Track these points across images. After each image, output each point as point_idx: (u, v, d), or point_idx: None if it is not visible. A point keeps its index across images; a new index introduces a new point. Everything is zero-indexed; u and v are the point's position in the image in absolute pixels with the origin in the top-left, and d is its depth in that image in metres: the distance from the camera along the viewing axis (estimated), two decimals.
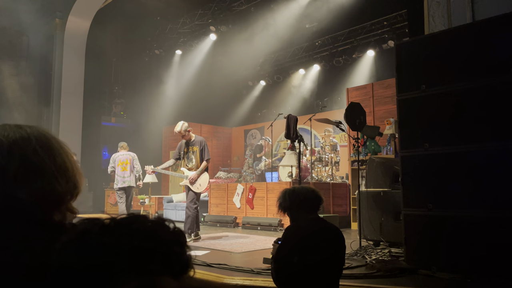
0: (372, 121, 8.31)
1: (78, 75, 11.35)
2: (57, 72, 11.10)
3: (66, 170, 0.84)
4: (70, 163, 0.86)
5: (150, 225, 0.67)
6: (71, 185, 0.84)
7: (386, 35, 10.25)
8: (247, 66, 13.52)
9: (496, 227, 3.22)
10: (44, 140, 0.84)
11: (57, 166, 0.82)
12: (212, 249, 5.14)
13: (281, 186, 7.55)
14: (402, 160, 3.80)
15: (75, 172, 0.86)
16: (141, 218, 0.68)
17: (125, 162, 7.99)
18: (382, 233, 4.82)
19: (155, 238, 0.65)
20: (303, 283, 2.32)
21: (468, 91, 3.41)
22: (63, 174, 0.83)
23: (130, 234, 0.64)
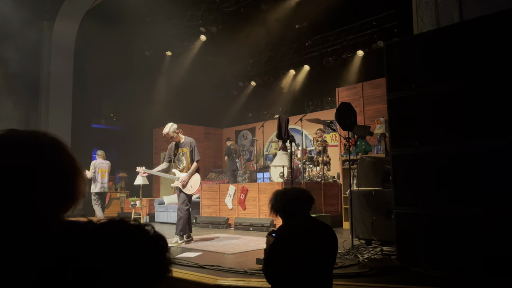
0: (362, 120, 8.36)
1: (67, 78, 11.24)
2: (45, 74, 10.98)
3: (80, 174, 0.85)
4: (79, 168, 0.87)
5: (128, 230, 0.68)
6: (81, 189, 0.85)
7: (375, 35, 10.32)
8: (238, 67, 13.51)
9: (486, 224, 3.26)
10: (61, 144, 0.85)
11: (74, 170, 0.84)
12: (204, 250, 5.12)
13: (273, 186, 7.56)
14: (393, 159, 3.82)
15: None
16: (121, 223, 0.69)
17: (104, 170, 8.87)
18: (374, 232, 4.85)
19: (132, 244, 0.66)
20: (296, 283, 2.33)
21: (457, 90, 3.45)
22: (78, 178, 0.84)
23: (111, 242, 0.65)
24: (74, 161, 0.86)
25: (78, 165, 0.86)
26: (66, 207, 0.83)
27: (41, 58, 11.09)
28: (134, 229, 0.70)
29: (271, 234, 2.60)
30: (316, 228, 2.56)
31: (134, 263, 0.64)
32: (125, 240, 0.67)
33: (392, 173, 3.85)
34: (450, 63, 3.55)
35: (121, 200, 11.98)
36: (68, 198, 0.83)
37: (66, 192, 0.82)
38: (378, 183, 5.00)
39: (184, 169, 5.94)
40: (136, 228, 0.71)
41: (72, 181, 0.83)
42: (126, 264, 0.64)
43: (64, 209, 0.83)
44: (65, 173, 0.83)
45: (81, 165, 0.89)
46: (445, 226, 3.46)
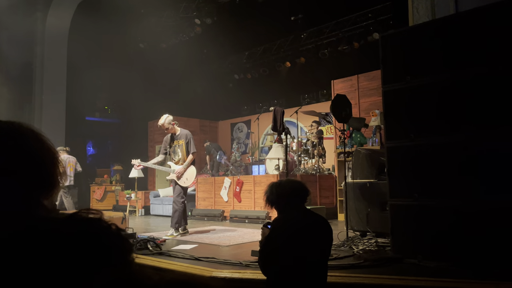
0: (357, 113, 8.37)
1: (61, 70, 11.15)
2: (39, 67, 10.88)
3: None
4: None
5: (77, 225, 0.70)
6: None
7: (371, 27, 10.29)
8: (233, 59, 13.44)
9: (480, 216, 3.28)
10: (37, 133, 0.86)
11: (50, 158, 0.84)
12: (200, 242, 5.13)
13: (268, 179, 7.57)
14: (387, 151, 3.83)
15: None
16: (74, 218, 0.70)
17: (70, 164, 9.04)
18: (369, 223, 4.88)
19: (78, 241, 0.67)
20: (291, 274, 2.33)
21: (452, 82, 3.45)
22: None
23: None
24: (51, 150, 0.87)
25: (55, 154, 0.87)
26: (45, 195, 0.83)
27: (34, 50, 10.98)
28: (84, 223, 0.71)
29: (266, 226, 2.61)
30: (311, 220, 2.56)
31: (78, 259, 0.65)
32: (70, 237, 0.67)
33: (387, 165, 3.85)
34: (446, 55, 3.55)
35: (116, 193, 11.96)
36: (46, 186, 0.83)
37: (43, 181, 0.83)
38: (373, 175, 5.02)
39: (179, 161, 5.92)
40: (85, 221, 0.72)
41: (49, 169, 0.84)
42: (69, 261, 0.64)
43: (44, 195, 0.83)
44: (43, 161, 0.83)
45: (58, 154, 0.89)
46: (440, 217, 3.48)
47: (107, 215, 5.45)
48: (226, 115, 14.49)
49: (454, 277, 3.00)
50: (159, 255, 4.21)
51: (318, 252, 2.47)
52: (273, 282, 2.41)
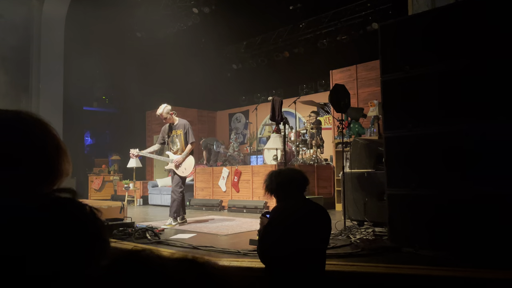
0: (356, 103, 8.35)
1: (57, 59, 11.06)
2: (35, 56, 10.79)
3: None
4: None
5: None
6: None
7: (370, 17, 10.23)
8: (231, 49, 13.36)
9: (477, 205, 3.30)
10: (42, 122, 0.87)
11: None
12: (198, 232, 5.15)
13: (266, 169, 7.58)
14: (385, 140, 3.84)
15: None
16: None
17: None
18: (366, 213, 4.90)
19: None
20: (290, 263, 2.35)
21: (451, 71, 3.44)
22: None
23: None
24: (57, 140, 0.86)
25: (61, 144, 0.86)
26: (50, 184, 0.83)
27: (31, 39, 10.87)
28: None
29: (265, 215, 2.62)
30: (310, 208, 2.57)
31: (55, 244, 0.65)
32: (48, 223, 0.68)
33: (385, 155, 3.86)
34: (445, 44, 3.53)
35: (115, 183, 11.96)
36: (51, 175, 0.83)
37: (49, 170, 0.82)
38: (371, 165, 5.03)
39: (178, 151, 5.92)
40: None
41: (55, 159, 0.83)
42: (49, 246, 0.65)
43: (48, 185, 0.83)
44: (49, 151, 0.82)
45: (65, 144, 0.88)
46: (437, 207, 3.50)
47: (106, 204, 5.47)
48: (224, 105, 14.46)
49: (451, 265, 3.03)
50: (158, 244, 4.23)
51: (317, 240, 2.49)
52: (272, 270, 2.43)
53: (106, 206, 5.28)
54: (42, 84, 10.77)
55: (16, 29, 11.23)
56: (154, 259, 0.58)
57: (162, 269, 0.56)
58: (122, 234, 4.51)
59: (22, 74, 11.13)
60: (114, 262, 0.58)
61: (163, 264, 0.56)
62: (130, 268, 0.57)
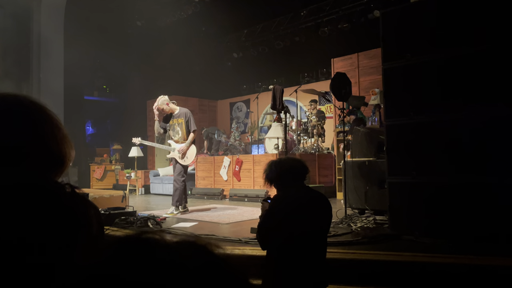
0: (357, 91, 8.33)
1: (58, 48, 11.01)
2: (35, 45, 10.75)
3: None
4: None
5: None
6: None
7: (371, 5, 10.13)
8: (232, 38, 13.28)
9: (476, 192, 3.31)
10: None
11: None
12: (200, 220, 5.18)
13: (268, 158, 7.59)
14: (387, 129, 3.84)
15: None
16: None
17: None
18: (367, 201, 4.92)
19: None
20: (291, 251, 2.37)
21: (453, 59, 3.42)
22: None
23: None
24: (58, 125, 0.85)
25: (63, 129, 0.85)
26: (56, 171, 0.82)
27: (30, 28, 10.82)
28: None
29: (266, 200, 2.63)
30: (310, 196, 2.58)
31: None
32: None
33: (386, 143, 3.86)
34: (446, 32, 3.51)
35: (116, 172, 12.01)
36: (56, 161, 0.82)
37: (53, 156, 0.81)
38: (372, 154, 5.04)
39: (179, 140, 5.93)
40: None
41: (59, 144, 0.82)
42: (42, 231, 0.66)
43: (54, 173, 0.82)
44: (52, 136, 0.81)
45: (66, 130, 0.87)
46: (437, 195, 3.51)
47: (108, 193, 5.49)
48: (225, 94, 14.42)
49: (450, 252, 3.05)
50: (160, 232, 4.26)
51: (318, 227, 2.50)
52: (273, 256, 2.45)
53: (108, 195, 5.31)
54: (42, 73, 10.75)
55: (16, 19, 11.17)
56: (158, 242, 0.58)
57: (167, 252, 0.57)
58: (124, 223, 4.54)
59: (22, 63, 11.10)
60: (116, 246, 0.58)
61: (167, 246, 0.57)
62: (134, 252, 0.57)
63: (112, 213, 4.69)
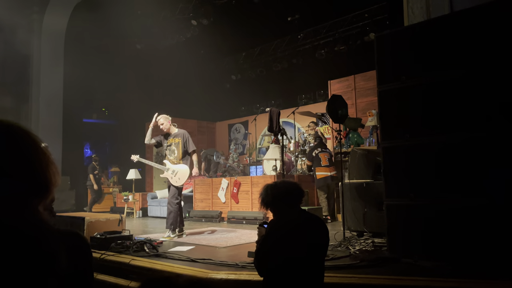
0: (354, 113, 8.37)
1: (57, 71, 11.13)
2: (35, 68, 10.86)
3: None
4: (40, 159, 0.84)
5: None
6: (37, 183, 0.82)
7: (367, 28, 10.30)
8: (230, 60, 13.44)
9: (475, 215, 3.28)
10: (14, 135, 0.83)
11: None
12: (197, 244, 5.12)
13: (266, 179, 7.56)
14: (383, 151, 3.83)
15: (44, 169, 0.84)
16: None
17: None
18: (366, 223, 4.88)
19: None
20: (288, 276, 2.33)
21: (447, 81, 3.45)
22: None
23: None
24: (44, 151, 0.85)
25: (48, 155, 0.85)
26: (40, 197, 0.82)
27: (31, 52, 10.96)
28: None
29: (263, 225, 2.60)
30: (306, 221, 2.56)
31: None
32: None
33: (383, 165, 3.85)
34: (440, 55, 3.55)
35: (114, 195, 11.94)
36: (41, 187, 0.82)
37: (37, 181, 0.81)
38: (370, 175, 5.03)
39: (174, 160, 5.90)
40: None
41: (44, 171, 0.82)
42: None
43: (38, 199, 0.82)
44: (37, 163, 0.81)
45: (52, 156, 0.87)
46: (436, 217, 3.48)
47: (104, 217, 5.44)
48: (223, 116, 14.49)
49: (450, 276, 3.00)
50: (156, 257, 4.21)
51: (315, 252, 2.47)
52: (269, 282, 2.41)
53: (104, 219, 5.26)
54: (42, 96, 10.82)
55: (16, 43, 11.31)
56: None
57: None
58: (120, 247, 4.48)
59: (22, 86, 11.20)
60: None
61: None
62: None
63: (108, 237, 4.63)
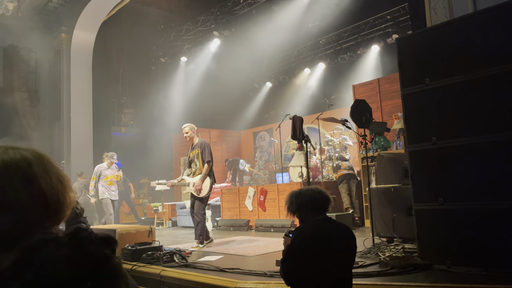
0: (380, 116, 8.26)
1: (86, 87, 11.49)
2: (66, 85, 11.26)
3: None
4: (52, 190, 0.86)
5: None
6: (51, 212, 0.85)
7: (390, 29, 10.19)
8: (253, 69, 13.55)
9: (509, 218, 3.17)
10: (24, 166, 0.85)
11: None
12: (225, 253, 5.15)
13: (292, 187, 7.54)
14: (410, 155, 3.77)
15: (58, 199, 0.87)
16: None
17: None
18: (395, 229, 4.78)
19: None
20: (314, 284, 2.32)
21: (472, 82, 3.37)
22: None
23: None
24: (60, 176, 0.88)
25: (65, 180, 0.88)
26: (54, 219, 0.85)
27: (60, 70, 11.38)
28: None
29: (288, 235, 2.61)
30: (333, 228, 2.54)
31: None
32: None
33: (409, 169, 3.78)
34: (465, 55, 3.47)
35: (144, 206, 12.16)
36: (54, 214, 0.85)
37: (52, 210, 0.84)
38: (397, 180, 4.93)
39: (196, 171, 5.96)
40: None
41: (59, 197, 0.85)
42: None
43: (53, 218, 0.85)
44: (50, 189, 0.84)
45: (67, 177, 0.91)
46: (467, 221, 3.38)
47: (134, 229, 5.56)
48: (247, 124, 14.57)
49: (485, 283, 2.91)
50: (185, 267, 4.26)
51: (342, 260, 2.45)
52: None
53: (135, 231, 5.37)
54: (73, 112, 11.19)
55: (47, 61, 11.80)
56: None
57: None
58: (151, 258, 4.56)
59: (54, 104, 11.63)
60: None
61: None
62: None
63: (138, 248, 4.73)
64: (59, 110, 11.41)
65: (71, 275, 0.63)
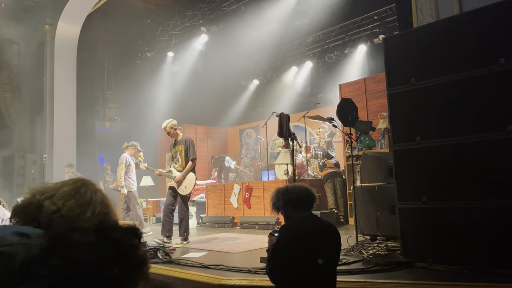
0: (365, 116, 8.33)
1: (70, 81, 11.30)
2: (49, 78, 11.05)
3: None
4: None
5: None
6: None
7: (377, 30, 10.27)
8: (240, 66, 13.51)
9: (489, 217, 3.23)
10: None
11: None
12: (209, 250, 5.14)
13: (278, 184, 7.55)
14: (394, 154, 3.81)
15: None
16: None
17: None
18: (379, 227, 4.84)
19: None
20: (300, 281, 2.33)
21: (457, 83, 3.42)
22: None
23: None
24: (109, 203, 1.04)
25: (111, 205, 1.04)
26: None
27: (44, 62, 11.16)
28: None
29: (273, 234, 2.61)
30: (317, 226, 2.55)
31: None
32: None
33: (394, 168, 3.83)
34: (451, 56, 3.52)
35: None
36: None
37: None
38: (382, 178, 4.98)
39: (179, 168, 5.90)
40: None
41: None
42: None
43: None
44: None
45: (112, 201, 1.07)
46: (449, 220, 3.44)
47: None
48: (234, 122, 14.53)
49: (465, 280, 2.96)
50: (169, 263, 4.23)
51: (326, 258, 2.46)
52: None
53: None
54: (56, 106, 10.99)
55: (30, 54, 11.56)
56: None
57: None
58: None
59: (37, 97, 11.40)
60: None
61: None
62: None
63: None
64: (42, 103, 11.19)
65: (97, 261, 0.66)
